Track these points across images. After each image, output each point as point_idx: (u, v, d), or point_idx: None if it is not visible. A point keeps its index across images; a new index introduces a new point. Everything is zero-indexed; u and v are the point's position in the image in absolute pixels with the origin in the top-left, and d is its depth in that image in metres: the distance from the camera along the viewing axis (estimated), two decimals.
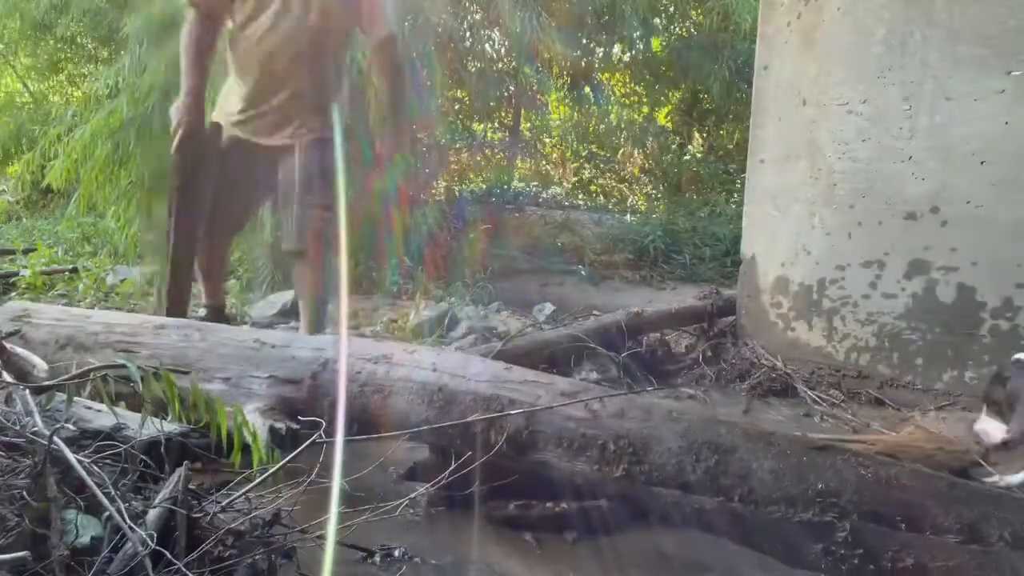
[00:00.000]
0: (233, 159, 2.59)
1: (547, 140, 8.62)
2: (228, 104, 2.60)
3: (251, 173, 2.65)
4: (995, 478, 1.58)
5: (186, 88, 2.42)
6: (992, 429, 1.77)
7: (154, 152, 4.12)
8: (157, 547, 0.97)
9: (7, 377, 1.41)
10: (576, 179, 8.68)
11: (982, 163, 2.23)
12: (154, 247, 4.26)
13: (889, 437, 1.90)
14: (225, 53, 2.62)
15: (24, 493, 1.01)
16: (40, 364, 1.61)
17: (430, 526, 1.49)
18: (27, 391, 1.30)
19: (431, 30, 4.79)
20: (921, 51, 2.29)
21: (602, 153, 8.46)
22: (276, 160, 2.66)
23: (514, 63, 5.99)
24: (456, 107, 6.23)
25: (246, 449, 1.35)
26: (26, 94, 7.77)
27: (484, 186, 6.78)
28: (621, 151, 8.51)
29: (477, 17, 5.70)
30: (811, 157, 2.56)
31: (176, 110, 2.44)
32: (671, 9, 7.05)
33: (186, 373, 1.62)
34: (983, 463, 1.70)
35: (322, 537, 1.15)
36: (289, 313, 3.40)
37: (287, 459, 1.22)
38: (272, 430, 1.46)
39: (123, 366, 1.43)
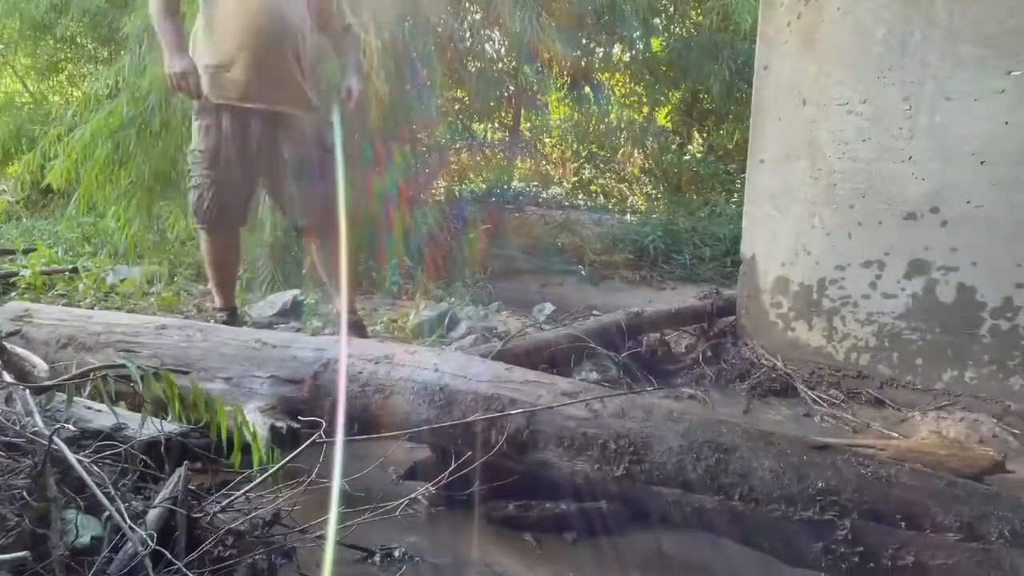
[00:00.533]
0: (237, 128, 2.48)
1: (547, 140, 8.63)
2: (224, 74, 2.44)
3: (251, 145, 2.53)
4: None
5: (171, 44, 2.40)
6: None
7: (154, 152, 4.14)
8: (157, 547, 0.98)
9: (7, 377, 1.41)
10: (576, 179, 8.68)
11: (982, 163, 2.23)
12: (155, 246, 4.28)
13: (901, 442, 1.86)
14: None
15: (24, 493, 1.01)
16: (40, 364, 1.62)
17: (430, 526, 1.49)
18: (27, 391, 1.30)
19: (431, 30, 4.79)
20: (921, 51, 2.29)
21: (602, 153, 8.45)
22: (277, 132, 2.56)
23: (514, 63, 5.99)
24: (456, 107, 6.23)
25: (246, 449, 1.35)
26: (26, 94, 7.77)
27: (484, 186, 6.78)
28: (621, 151, 8.51)
29: (477, 17, 5.70)
30: (811, 157, 2.56)
31: (172, 61, 2.39)
32: (671, 9, 7.06)
33: (186, 373, 1.62)
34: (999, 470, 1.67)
35: (322, 537, 1.15)
36: (289, 313, 3.40)
37: (287, 459, 1.22)
38: (273, 429, 1.46)
39: (123, 366, 1.43)
